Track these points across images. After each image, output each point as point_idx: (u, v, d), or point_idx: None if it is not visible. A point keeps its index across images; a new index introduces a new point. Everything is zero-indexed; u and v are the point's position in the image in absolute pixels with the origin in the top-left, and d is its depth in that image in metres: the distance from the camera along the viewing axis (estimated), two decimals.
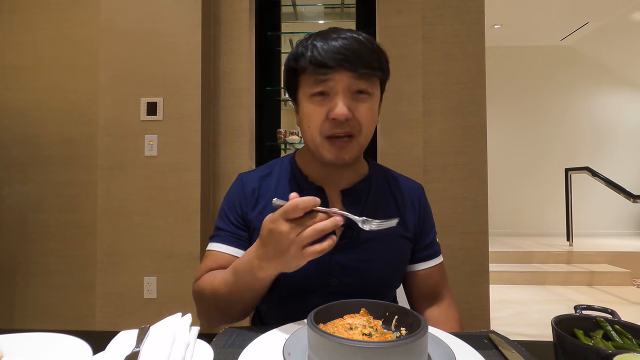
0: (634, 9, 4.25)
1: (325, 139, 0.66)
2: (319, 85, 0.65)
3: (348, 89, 0.65)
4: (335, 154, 0.67)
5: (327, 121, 0.65)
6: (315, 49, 0.65)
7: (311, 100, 0.66)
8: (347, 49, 0.63)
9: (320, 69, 0.63)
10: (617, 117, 5.51)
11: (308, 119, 0.67)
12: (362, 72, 0.64)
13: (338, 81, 0.64)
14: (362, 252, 0.72)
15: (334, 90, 0.65)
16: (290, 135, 2.28)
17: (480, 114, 1.91)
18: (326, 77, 0.64)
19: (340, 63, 0.63)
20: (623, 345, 0.47)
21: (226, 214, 0.76)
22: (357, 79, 0.64)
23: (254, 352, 0.50)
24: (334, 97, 0.65)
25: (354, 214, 0.73)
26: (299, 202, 0.51)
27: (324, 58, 0.63)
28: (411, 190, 0.82)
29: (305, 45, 0.67)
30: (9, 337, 0.53)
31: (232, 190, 0.79)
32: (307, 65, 0.65)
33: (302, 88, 0.68)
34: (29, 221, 2.02)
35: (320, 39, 0.66)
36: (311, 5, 2.72)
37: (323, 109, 0.65)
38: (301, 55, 0.66)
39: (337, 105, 0.64)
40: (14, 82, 2.04)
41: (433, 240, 0.82)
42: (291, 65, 0.69)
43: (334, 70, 0.63)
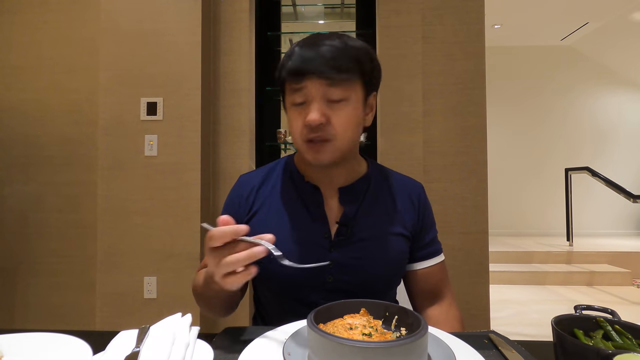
0: (634, 9, 4.25)
1: (305, 142, 0.68)
2: (295, 94, 0.67)
3: (322, 97, 0.66)
4: (313, 157, 0.69)
5: (305, 127, 0.67)
6: (292, 58, 0.67)
7: (292, 109, 0.69)
8: (318, 56, 0.65)
9: (294, 77, 0.66)
10: (617, 117, 5.51)
11: (291, 126, 0.71)
12: (334, 77, 0.65)
13: (311, 89, 0.66)
14: (356, 249, 0.73)
15: (309, 98, 0.66)
16: (290, 135, 2.28)
17: (480, 114, 1.91)
18: (300, 85, 0.66)
19: (311, 71, 0.64)
20: (623, 345, 0.47)
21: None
22: (330, 86, 0.65)
23: (254, 352, 0.50)
24: (310, 104, 0.67)
25: (351, 212, 0.74)
26: (215, 232, 0.51)
27: (297, 67, 0.66)
28: (410, 189, 0.82)
29: (287, 54, 0.69)
30: (9, 337, 0.53)
31: (232, 192, 0.81)
32: (285, 75, 0.68)
33: (287, 97, 0.71)
34: (29, 221, 2.02)
35: (299, 47, 0.68)
36: (311, 5, 2.72)
37: (301, 116, 0.68)
38: (282, 66, 0.70)
39: (310, 112, 0.66)
40: (15, 82, 2.04)
41: (433, 238, 0.82)
42: (277, 75, 0.72)
43: (305, 77, 0.65)
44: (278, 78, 0.72)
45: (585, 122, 5.52)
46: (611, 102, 5.51)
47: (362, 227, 0.74)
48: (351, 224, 0.73)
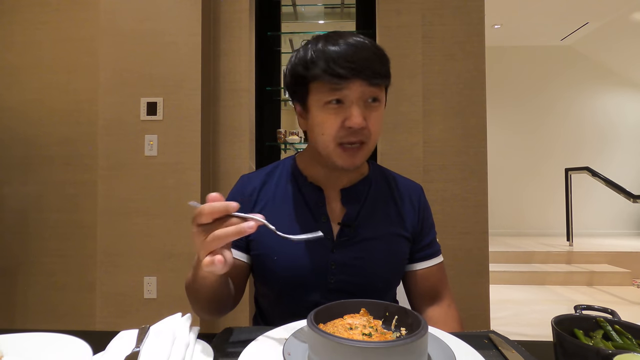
0: (634, 9, 4.25)
1: (338, 145, 0.67)
2: (334, 94, 0.65)
3: (361, 98, 0.66)
4: (348, 161, 0.68)
5: (342, 129, 0.66)
6: (328, 56, 0.64)
7: (325, 108, 0.66)
8: (360, 59, 0.64)
9: (335, 78, 0.64)
10: (617, 117, 5.51)
11: (321, 127, 0.67)
12: (374, 81, 0.65)
13: (353, 90, 0.65)
14: (359, 250, 0.73)
15: (349, 99, 0.65)
16: (290, 135, 2.28)
17: (480, 114, 1.91)
18: (341, 86, 0.64)
19: (355, 73, 0.63)
20: (623, 345, 0.47)
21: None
22: (369, 88, 0.65)
23: (254, 352, 0.50)
24: (350, 106, 0.65)
25: (352, 213, 0.74)
26: (205, 207, 0.49)
27: (339, 67, 0.63)
28: (411, 190, 0.82)
29: (316, 51, 0.66)
30: (9, 337, 0.53)
31: (234, 191, 0.81)
32: (321, 74, 0.64)
33: (315, 95, 0.68)
34: (29, 221, 2.02)
35: (330, 45, 0.65)
36: (311, 5, 2.73)
37: (338, 118, 0.66)
38: (312, 63, 0.66)
39: (354, 114, 0.65)
40: (14, 82, 2.04)
41: (432, 240, 0.82)
42: (300, 72, 0.68)
43: (349, 80, 0.64)
44: (302, 76, 0.68)
45: (585, 122, 5.52)
46: (611, 102, 5.51)
47: (363, 228, 0.74)
48: (353, 225, 0.73)
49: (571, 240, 4.53)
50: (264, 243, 0.73)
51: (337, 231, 0.73)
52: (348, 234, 0.73)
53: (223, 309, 0.70)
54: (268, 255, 0.72)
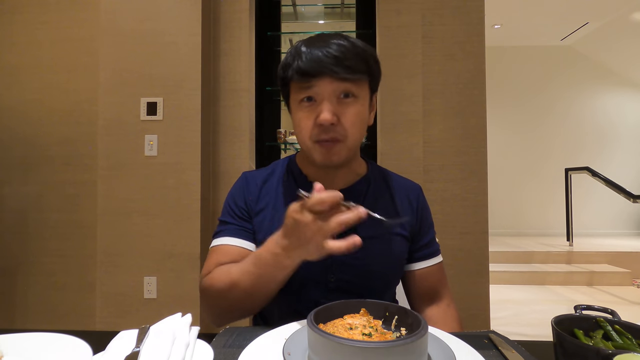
0: (634, 9, 4.25)
1: (315, 142, 0.68)
2: (304, 92, 0.67)
3: (333, 94, 0.66)
4: (324, 157, 0.69)
5: (316, 127, 0.67)
6: (299, 58, 0.67)
7: (300, 107, 0.69)
8: (328, 56, 0.65)
9: (304, 77, 0.66)
10: (617, 117, 5.51)
11: (298, 125, 0.70)
12: (344, 76, 0.65)
13: (322, 87, 0.66)
14: (359, 249, 0.72)
15: (319, 96, 0.67)
16: (290, 135, 2.27)
17: (480, 114, 1.91)
18: (309, 84, 0.66)
19: (322, 70, 0.65)
20: (623, 345, 0.47)
21: (231, 207, 0.78)
22: (339, 83, 0.66)
23: (254, 352, 0.50)
24: (320, 103, 0.67)
25: None
26: (324, 196, 0.53)
27: (307, 66, 0.65)
28: (409, 190, 0.83)
29: (292, 54, 0.69)
30: (9, 337, 0.53)
31: (236, 186, 0.81)
32: (293, 75, 0.67)
33: (292, 95, 0.71)
34: (29, 221, 2.02)
35: (305, 46, 0.68)
36: (311, 5, 2.72)
37: (311, 115, 0.67)
38: (288, 65, 0.69)
39: (322, 111, 0.66)
40: (14, 82, 2.04)
41: (431, 239, 0.82)
42: (280, 75, 0.72)
43: (316, 77, 0.65)
44: (282, 77, 0.71)
45: (585, 122, 5.52)
46: (611, 102, 5.51)
47: (362, 227, 0.74)
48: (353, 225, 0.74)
49: (571, 240, 4.53)
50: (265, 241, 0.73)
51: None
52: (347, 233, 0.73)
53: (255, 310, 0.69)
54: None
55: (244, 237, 0.75)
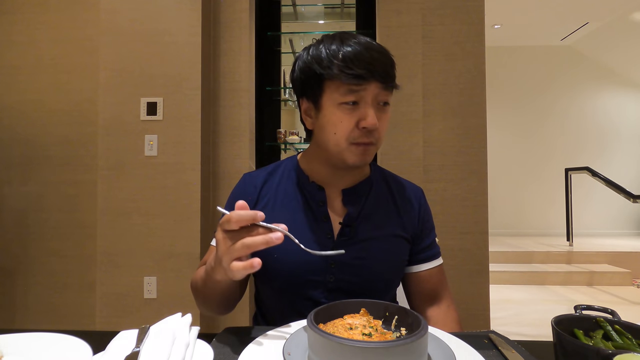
0: (634, 9, 4.25)
1: (351, 144, 0.68)
2: (351, 95, 0.66)
3: (376, 100, 0.68)
4: (360, 159, 0.69)
5: (356, 129, 0.67)
6: (346, 57, 0.66)
7: (340, 107, 0.67)
8: (377, 61, 0.66)
9: (354, 79, 0.65)
10: (617, 117, 5.51)
11: (334, 126, 0.68)
12: (389, 84, 0.67)
13: (369, 92, 0.66)
14: (359, 250, 0.73)
15: (364, 100, 0.67)
16: (290, 135, 2.28)
17: (480, 114, 1.91)
18: (360, 87, 0.66)
19: (374, 75, 0.65)
20: (623, 345, 0.47)
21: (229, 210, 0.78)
22: (383, 90, 0.67)
23: (254, 352, 0.50)
24: (365, 106, 0.67)
25: (352, 213, 0.75)
26: (233, 215, 0.50)
27: (358, 68, 0.65)
28: (411, 192, 0.83)
29: (332, 50, 0.67)
30: (9, 337, 0.53)
31: (236, 189, 0.81)
32: (339, 74, 0.65)
33: (330, 94, 0.68)
34: (29, 221, 2.02)
35: (347, 46, 0.67)
36: (311, 5, 2.72)
37: (353, 118, 0.67)
38: (329, 61, 0.67)
39: (369, 115, 0.66)
40: (14, 82, 2.04)
41: (433, 242, 0.82)
42: (315, 70, 0.68)
43: (367, 81, 0.65)
44: (318, 72, 0.68)
45: (585, 122, 5.52)
46: (611, 102, 5.51)
47: (364, 228, 0.75)
48: (354, 225, 0.74)
49: (571, 240, 4.53)
50: None
51: (337, 231, 0.74)
52: (348, 234, 0.73)
53: (228, 308, 0.73)
54: (269, 253, 0.72)
55: None
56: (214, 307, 0.70)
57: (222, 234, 0.52)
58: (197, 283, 0.69)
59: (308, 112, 0.74)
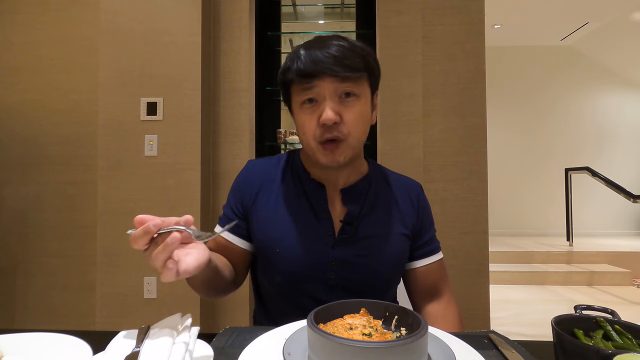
0: (634, 9, 4.25)
1: (319, 144, 0.69)
2: (305, 93, 0.68)
3: (334, 93, 0.67)
4: (329, 158, 0.69)
5: (319, 127, 0.67)
6: (299, 60, 0.68)
7: (302, 109, 0.69)
8: (327, 56, 0.66)
9: (304, 78, 0.67)
10: (617, 117, 5.51)
11: (302, 127, 0.70)
12: (344, 75, 0.66)
13: (323, 87, 0.67)
14: (360, 248, 0.74)
15: (320, 96, 0.67)
16: (290, 135, 2.28)
17: (480, 114, 1.91)
18: (311, 84, 0.67)
19: (322, 70, 0.66)
20: (623, 345, 0.47)
21: (229, 199, 0.81)
22: (341, 82, 0.66)
23: (254, 352, 0.50)
24: (322, 102, 0.67)
25: (353, 211, 0.75)
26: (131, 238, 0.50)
27: (307, 68, 0.66)
28: (410, 188, 0.83)
29: (292, 57, 0.70)
30: (9, 337, 0.53)
31: (239, 177, 0.82)
32: (294, 77, 0.68)
33: (293, 98, 0.71)
34: (29, 221, 2.02)
35: (304, 49, 0.69)
36: (311, 5, 2.72)
37: (314, 116, 0.68)
38: (288, 69, 0.70)
39: (324, 110, 0.66)
40: (14, 82, 2.04)
41: (432, 237, 0.83)
42: (281, 79, 0.73)
43: (317, 77, 0.66)
44: (283, 81, 0.72)
45: (585, 122, 5.52)
46: (611, 102, 5.51)
47: (364, 225, 0.75)
48: (355, 223, 0.74)
49: (571, 240, 4.53)
50: (267, 235, 0.74)
51: (338, 228, 0.74)
52: (349, 232, 0.74)
53: (223, 292, 0.76)
54: (270, 247, 0.74)
55: (231, 231, 0.78)
56: (205, 292, 0.72)
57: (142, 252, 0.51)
58: None
59: (291, 115, 0.76)
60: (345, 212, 0.75)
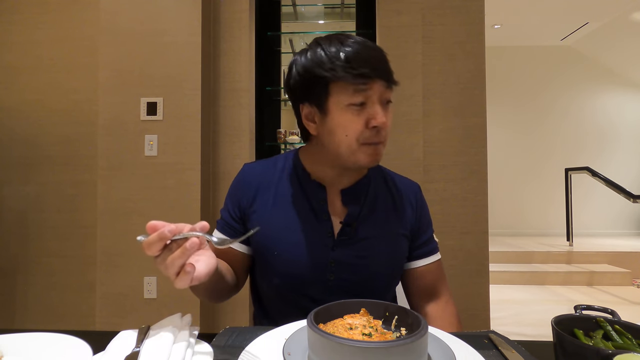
0: (634, 9, 4.25)
1: (362, 144, 0.68)
2: (359, 95, 0.66)
3: (381, 98, 0.68)
4: (373, 159, 0.70)
5: (367, 129, 0.67)
6: (350, 58, 0.66)
7: (349, 109, 0.67)
8: (380, 60, 0.67)
9: (361, 79, 0.65)
10: (617, 117, 5.51)
11: (345, 128, 0.67)
12: (391, 82, 0.68)
13: (375, 91, 0.66)
14: (359, 249, 0.74)
15: (371, 99, 0.67)
16: (290, 135, 2.27)
17: (480, 114, 1.91)
18: (366, 86, 0.65)
19: (378, 74, 0.66)
20: (623, 345, 0.47)
21: (226, 203, 0.80)
22: (387, 89, 0.68)
23: (254, 352, 0.50)
24: (372, 106, 0.67)
25: (353, 212, 0.75)
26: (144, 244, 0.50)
27: (363, 68, 0.65)
28: (408, 188, 0.83)
29: (331, 52, 0.67)
30: (9, 337, 0.53)
31: (235, 180, 0.81)
32: (344, 75, 0.65)
33: (336, 96, 0.67)
34: (29, 221, 2.02)
35: (346, 46, 0.67)
36: (311, 5, 2.72)
37: (362, 118, 0.67)
38: (332, 63, 0.66)
39: (379, 113, 0.66)
40: (14, 82, 2.04)
41: (430, 237, 0.83)
42: (318, 73, 0.67)
43: (372, 80, 0.65)
44: (319, 76, 0.67)
45: (585, 122, 5.52)
46: (611, 102, 5.51)
47: (364, 227, 0.75)
48: (354, 224, 0.74)
49: (571, 240, 4.53)
50: (266, 237, 0.74)
51: (337, 229, 0.74)
52: (349, 233, 0.74)
53: (224, 297, 0.75)
54: (269, 250, 0.74)
55: (227, 234, 0.78)
56: (207, 297, 0.72)
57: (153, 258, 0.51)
58: None
59: (310, 117, 0.72)
60: (346, 213, 0.75)
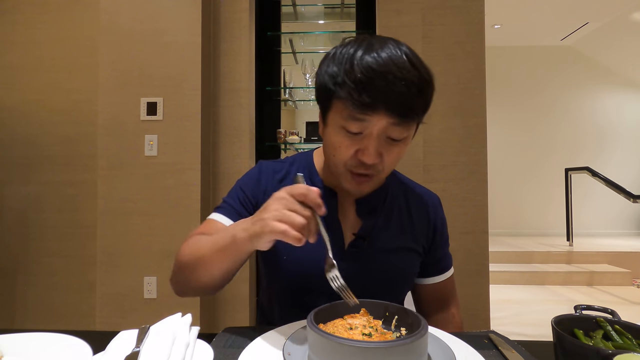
0: (634, 9, 4.25)
1: (348, 171, 0.64)
2: (353, 123, 0.59)
3: (382, 134, 0.60)
4: (355, 188, 0.66)
5: (354, 158, 0.62)
6: (358, 79, 0.57)
7: (341, 132, 0.61)
8: (392, 92, 0.56)
9: (358, 107, 0.57)
10: (617, 117, 5.51)
11: (334, 148, 0.63)
12: (401, 120, 0.58)
13: (374, 124, 0.58)
14: (368, 262, 0.71)
15: (367, 131, 0.59)
16: (290, 135, 2.27)
17: (480, 114, 1.91)
18: (364, 116, 0.58)
19: (386, 106, 0.57)
20: (623, 345, 0.47)
21: (236, 192, 0.75)
22: (393, 126, 0.59)
23: (254, 352, 0.50)
24: (368, 139, 0.60)
25: (367, 224, 0.72)
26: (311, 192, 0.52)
27: (367, 96, 0.56)
28: (427, 201, 0.80)
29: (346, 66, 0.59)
30: (9, 337, 0.53)
31: (250, 175, 0.78)
32: (346, 96, 0.58)
33: (334, 113, 0.62)
34: (29, 221, 2.02)
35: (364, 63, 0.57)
36: (311, 5, 2.72)
37: (353, 146, 0.61)
38: (342, 80, 0.59)
39: (368, 150, 0.60)
40: (14, 82, 2.04)
41: (445, 253, 0.81)
42: (327, 84, 0.61)
43: (374, 111, 0.57)
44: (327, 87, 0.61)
45: (585, 122, 5.52)
46: (611, 102, 5.51)
47: (376, 239, 0.72)
48: (368, 238, 0.72)
49: (571, 240, 4.53)
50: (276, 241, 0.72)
51: (348, 240, 0.71)
52: (360, 245, 0.71)
53: (217, 288, 0.67)
54: (278, 254, 0.71)
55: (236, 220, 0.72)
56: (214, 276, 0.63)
57: (291, 199, 0.52)
58: (199, 251, 0.62)
59: (321, 119, 0.68)
60: (359, 225, 0.72)
